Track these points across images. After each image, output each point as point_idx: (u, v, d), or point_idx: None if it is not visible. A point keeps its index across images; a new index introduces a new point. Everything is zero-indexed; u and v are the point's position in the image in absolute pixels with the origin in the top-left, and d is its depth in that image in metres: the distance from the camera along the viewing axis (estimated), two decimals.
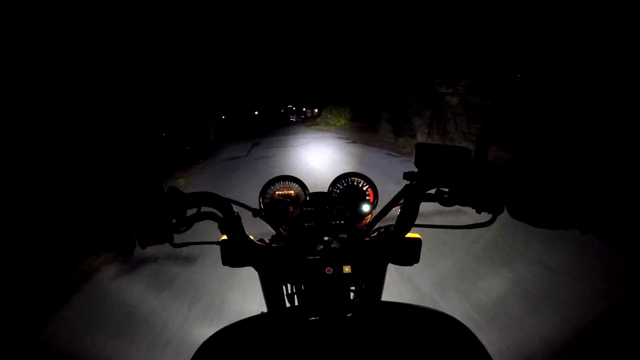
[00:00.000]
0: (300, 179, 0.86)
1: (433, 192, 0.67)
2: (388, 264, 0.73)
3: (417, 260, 0.71)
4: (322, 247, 0.65)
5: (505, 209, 0.61)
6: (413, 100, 9.80)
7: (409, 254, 0.71)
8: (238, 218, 0.67)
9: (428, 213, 1.73)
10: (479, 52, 7.10)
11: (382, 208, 0.74)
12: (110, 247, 0.55)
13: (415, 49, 9.47)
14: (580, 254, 2.45)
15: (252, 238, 0.70)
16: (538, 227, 0.57)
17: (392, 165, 6.68)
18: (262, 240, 0.74)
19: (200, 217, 0.65)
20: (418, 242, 0.71)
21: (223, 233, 0.67)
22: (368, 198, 0.86)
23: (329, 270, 0.62)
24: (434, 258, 2.65)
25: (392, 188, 4.30)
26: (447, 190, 0.66)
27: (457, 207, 0.67)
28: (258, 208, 0.79)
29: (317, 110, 39.57)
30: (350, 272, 0.63)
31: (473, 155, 0.65)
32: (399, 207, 0.70)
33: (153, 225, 0.58)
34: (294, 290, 0.75)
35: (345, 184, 0.86)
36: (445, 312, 0.65)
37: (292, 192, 0.85)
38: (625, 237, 0.46)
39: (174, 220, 0.62)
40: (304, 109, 40.92)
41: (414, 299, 2.17)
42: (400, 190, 0.69)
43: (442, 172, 0.66)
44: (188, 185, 6.46)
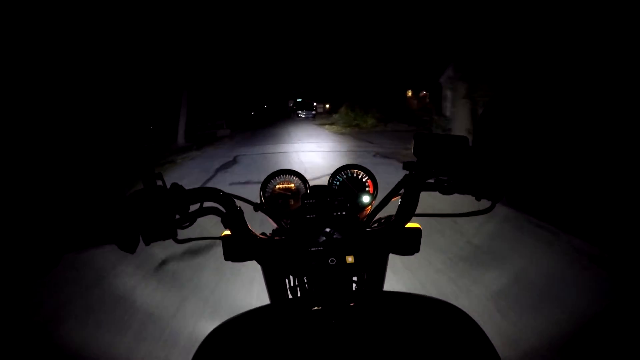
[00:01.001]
0: (300, 172, 0.87)
1: (432, 181, 0.68)
2: (389, 254, 0.74)
3: (417, 250, 0.72)
4: (324, 238, 0.66)
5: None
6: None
7: (410, 244, 0.72)
8: (241, 212, 0.67)
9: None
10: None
11: (382, 199, 0.74)
12: (114, 241, 0.55)
13: None
14: None
15: (254, 232, 0.71)
16: (537, 209, 0.58)
17: None
18: (264, 234, 0.75)
19: (203, 212, 0.65)
20: (418, 231, 0.72)
21: (226, 228, 0.68)
22: (368, 189, 0.86)
23: (332, 261, 0.63)
24: None
25: None
26: (446, 179, 0.67)
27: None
28: (259, 202, 0.80)
29: (328, 106, 36.50)
30: (353, 262, 0.64)
31: (471, 144, 0.66)
32: (399, 197, 0.71)
33: (157, 222, 0.59)
34: (297, 283, 0.76)
35: (345, 176, 0.87)
36: (449, 301, 0.65)
37: (292, 185, 0.86)
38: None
39: (177, 216, 0.62)
40: (315, 104, 37.74)
41: None
42: (400, 180, 0.70)
43: (441, 161, 0.67)
44: None
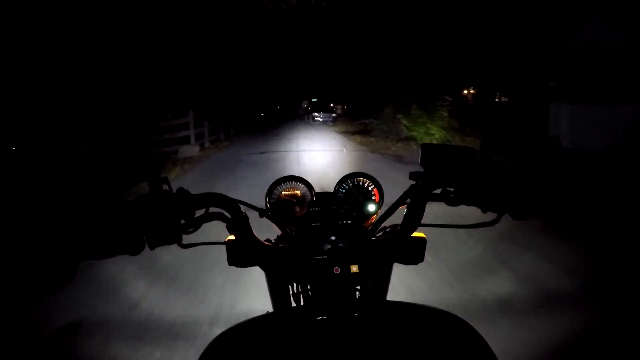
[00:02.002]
0: (306, 179, 0.87)
1: (439, 191, 0.67)
2: (394, 264, 0.74)
3: (421, 260, 0.72)
4: (329, 246, 0.66)
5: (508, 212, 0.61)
6: None
7: (414, 253, 0.71)
8: (246, 218, 0.67)
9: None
10: None
11: (387, 208, 0.74)
12: (121, 250, 0.55)
13: None
14: None
15: (259, 238, 0.71)
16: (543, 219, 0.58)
17: None
18: (268, 240, 0.75)
19: (209, 217, 0.65)
20: (423, 241, 0.71)
21: (231, 233, 0.68)
22: (374, 198, 0.86)
23: (337, 270, 0.63)
24: None
25: None
26: (452, 190, 0.66)
27: None
28: (264, 208, 0.80)
29: (345, 107, 28.29)
30: (358, 271, 0.64)
31: (478, 156, 0.65)
32: (404, 206, 0.70)
33: (162, 227, 0.59)
34: (300, 290, 0.76)
35: (351, 184, 0.87)
36: (452, 312, 0.65)
37: (298, 192, 0.86)
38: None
39: (183, 221, 0.63)
40: (333, 106, 27.76)
41: None
42: (406, 190, 0.70)
43: (448, 172, 0.66)
44: None
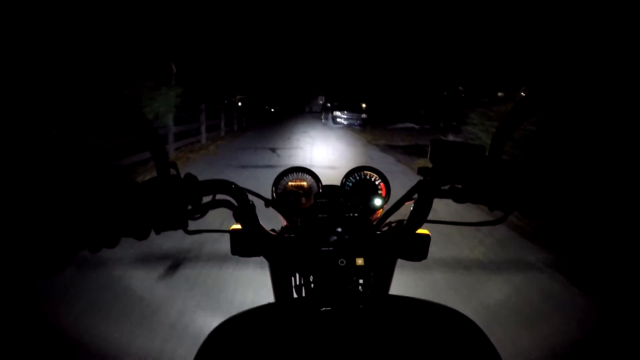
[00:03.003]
0: (313, 171, 0.87)
1: (447, 188, 0.67)
2: (397, 259, 0.74)
3: (425, 257, 0.72)
4: (335, 238, 0.66)
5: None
6: None
7: (418, 250, 0.72)
8: (253, 207, 0.67)
9: None
10: None
11: (394, 203, 0.74)
12: (128, 233, 0.55)
13: None
14: None
15: (264, 228, 0.71)
16: (550, 223, 0.58)
17: None
18: (273, 231, 0.75)
19: (216, 204, 0.65)
20: (427, 238, 0.72)
21: (237, 221, 0.68)
22: (380, 192, 0.86)
23: (342, 262, 0.63)
24: None
25: None
26: (460, 187, 0.66)
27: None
28: (271, 198, 0.80)
29: (364, 106, 16.32)
30: (363, 264, 0.64)
31: (487, 154, 0.64)
32: (411, 202, 0.70)
33: (169, 211, 0.59)
34: (302, 282, 0.76)
35: (358, 177, 0.87)
36: (454, 308, 0.65)
37: (304, 183, 0.86)
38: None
39: (189, 207, 0.62)
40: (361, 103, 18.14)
41: None
42: (414, 185, 0.69)
43: (456, 168, 0.66)
44: None
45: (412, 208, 0.68)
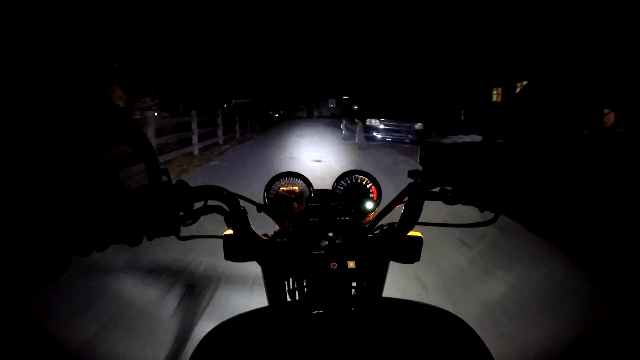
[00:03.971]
0: (305, 176, 0.87)
1: (437, 190, 0.68)
2: (390, 262, 0.74)
3: (417, 259, 0.72)
4: (326, 242, 0.66)
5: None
6: None
7: (411, 252, 0.72)
8: (244, 212, 0.68)
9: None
10: None
11: (385, 206, 0.75)
12: (120, 240, 0.55)
13: None
14: None
15: (257, 233, 0.71)
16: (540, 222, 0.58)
17: None
18: (265, 235, 0.75)
19: (207, 210, 0.65)
20: (419, 240, 0.72)
21: (229, 227, 0.68)
22: (372, 195, 0.86)
23: (334, 266, 0.63)
24: None
25: None
26: (450, 189, 0.67)
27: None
28: (263, 203, 0.80)
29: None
30: (355, 267, 0.64)
31: (477, 155, 0.65)
32: (402, 205, 0.71)
33: (161, 218, 0.59)
34: (296, 285, 0.76)
35: (350, 181, 0.87)
36: (448, 310, 0.64)
37: (296, 188, 0.86)
38: None
39: (181, 213, 0.63)
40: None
41: None
42: (404, 189, 0.70)
43: (446, 171, 0.67)
44: None
45: (402, 211, 0.69)
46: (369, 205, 0.84)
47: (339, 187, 0.86)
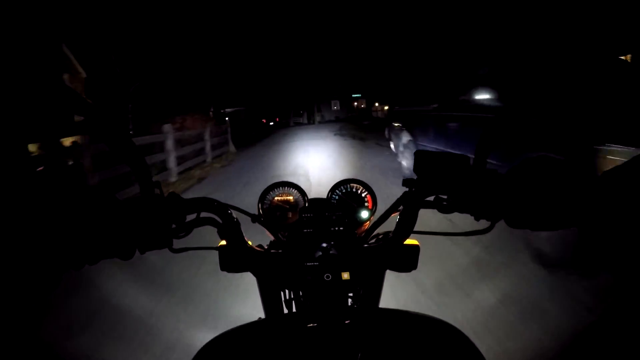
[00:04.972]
0: (299, 185, 0.86)
1: (432, 199, 0.67)
2: (386, 271, 0.73)
3: (415, 267, 0.71)
4: (320, 253, 0.65)
5: (503, 220, 0.60)
6: None
7: (407, 261, 0.71)
8: (237, 224, 0.67)
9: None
10: None
11: (380, 215, 0.74)
12: (112, 254, 0.54)
13: None
14: None
15: (251, 244, 0.71)
16: (536, 230, 0.59)
17: None
18: (260, 246, 0.74)
19: (200, 222, 0.65)
20: (416, 248, 0.71)
21: (222, 238, 0.68)
22: (367, 204, 0.86)
23: (328, 277, 0.63)
24: None
25: None
26: (445, 198, 0.66)
27: None
28: (257, 214, 0.80)
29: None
30: (349, 278, 0.63)
31: (472, 163, 0.64)
32: (398, 213, 0.70)
33: (153, 231, 0.58)
34: (292, 297, 0.76)
35: (344, 190, 0.86)
36: (445, 320, 0.64)
37: (290, 198, 0.86)
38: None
39: (174, 226, 0.62)
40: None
41: None
42: (399, 197, 0.69)
43: (441, 179, 0.66)
44: None
45: (397, 220, 0.68)
46: (364, 215, 0.83)
47: (334, 196, 0.86)
